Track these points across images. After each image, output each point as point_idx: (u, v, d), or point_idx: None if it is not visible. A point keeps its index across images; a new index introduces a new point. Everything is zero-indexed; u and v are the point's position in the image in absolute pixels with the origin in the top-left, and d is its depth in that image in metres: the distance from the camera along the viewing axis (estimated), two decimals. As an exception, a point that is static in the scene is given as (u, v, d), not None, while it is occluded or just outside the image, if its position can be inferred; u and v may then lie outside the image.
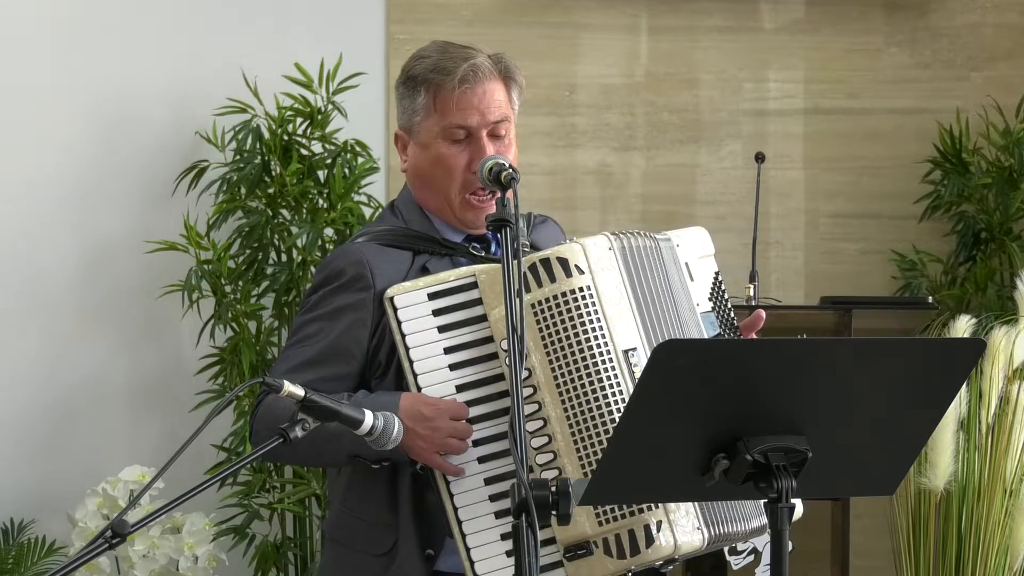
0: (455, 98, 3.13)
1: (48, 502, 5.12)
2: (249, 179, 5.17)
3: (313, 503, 5.13)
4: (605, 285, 2.96)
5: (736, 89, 5.64)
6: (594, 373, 2.91)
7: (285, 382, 2.68)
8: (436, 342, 2.97)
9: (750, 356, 2.58)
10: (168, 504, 2.62)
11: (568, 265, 2.95)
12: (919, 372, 2.61)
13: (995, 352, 4.66)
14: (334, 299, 3.09)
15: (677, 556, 2.88)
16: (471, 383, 2.97)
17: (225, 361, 5.11)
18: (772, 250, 5.61)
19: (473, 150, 3.13)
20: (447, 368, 2.97)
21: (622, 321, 2.95)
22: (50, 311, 5.24)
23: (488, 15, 5.53)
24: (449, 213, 3.16)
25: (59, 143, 5.26)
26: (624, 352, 2.93)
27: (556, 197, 5.52)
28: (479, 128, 3.13)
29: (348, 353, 3.06)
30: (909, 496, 4.74)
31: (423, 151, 3.18)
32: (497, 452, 2.95)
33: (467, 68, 3.14)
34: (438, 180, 3.15)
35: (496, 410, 2.96)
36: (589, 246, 2.98)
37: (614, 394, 2.90)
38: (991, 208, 5.50)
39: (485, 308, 2.97)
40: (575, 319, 2.92)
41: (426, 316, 2.97)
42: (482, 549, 2.92)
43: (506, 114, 3.16)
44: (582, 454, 2.89)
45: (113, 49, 5.28)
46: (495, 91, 3.16)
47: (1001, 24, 5.68)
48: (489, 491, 2.94)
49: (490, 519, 2.93)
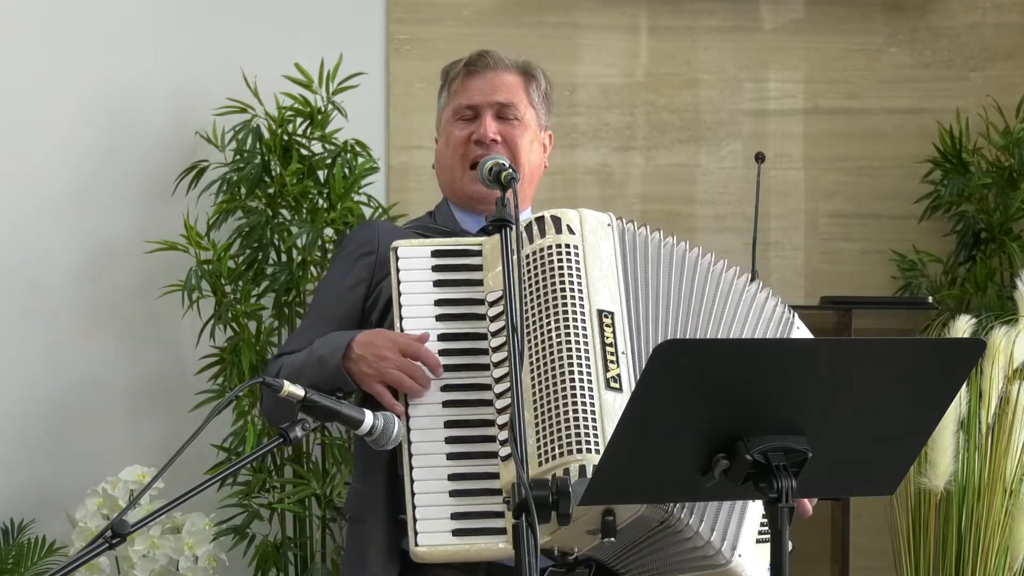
0: (463, 81, 3.24)
1: (48, 502, 5.12)
2: (249, 179, 5.17)
3: (313, 503, 5.13)
4: (594, 251, 3.00)
5: (736, 89, 5.64)
6: (562, 323, 2.92)
7: (285, 382, 2.70)
8: (428, 293, 3.03)
9: (750, 356, 2.58)
10: (168, 504, 2.62)
11: (560, 224, 3.01)
12: (919, 372, 2.61)
13: (995, 352, 4.66)
14: (341, 265, 3.23)
15: (614, 510, 2.81)
16: (452, 335, 3.00)
17: (225, 361, 5.11)
18: (772, 250, 5.61)
19: (475, 125, 3.20)
20: (433, 318, 3.01)
21: (605, 287, 2.98)
22: (50, 311, 5.24)
23: (488, 15, 5.53)
24: (459, 191, 3.23)
25: (59, 143, 5.26)
26: (599, 312, 2.95)
27: (556, 197, 5.52)
28: (482, 106, 3.22)
29: (343, 312, 3.17)
30: (909, 496, 4.74)
31: (441, 138, 3.31)
32: (463, 400, 2.96)
33: (477, 55, 3.24)
34: (447, 158, 3.27)
35: (471, 363, 2.98)
36: (587, 215, 3.05)
37: (578, 345, 2.91)
38: (991, 208, 5.50)
39: (484, 273, 3.02)
40: (554, 271, 2.96)
41: (425, 270, 3.04)
42: (427, 496, 2.91)
43: (515, 100, 3.23)
44: (536, 398, 2.89)
45: (113, 49, 5.28)
46: (507, 79, 3.25)
47: (1001, 24, 5.68)
48: (447, 433, 2.94)
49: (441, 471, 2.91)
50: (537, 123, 3.29)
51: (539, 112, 3.29)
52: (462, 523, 2.90)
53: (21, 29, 5.24)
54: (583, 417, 2.86)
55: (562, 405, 2.87)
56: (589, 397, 2.88)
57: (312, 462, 5.14)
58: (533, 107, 3.27)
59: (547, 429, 2.87)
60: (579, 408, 2.86)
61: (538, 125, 3.30)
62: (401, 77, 5.48)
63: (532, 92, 3.27)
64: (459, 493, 2.91)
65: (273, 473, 5.15)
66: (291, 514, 5.13)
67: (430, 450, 2.93)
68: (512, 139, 3.24)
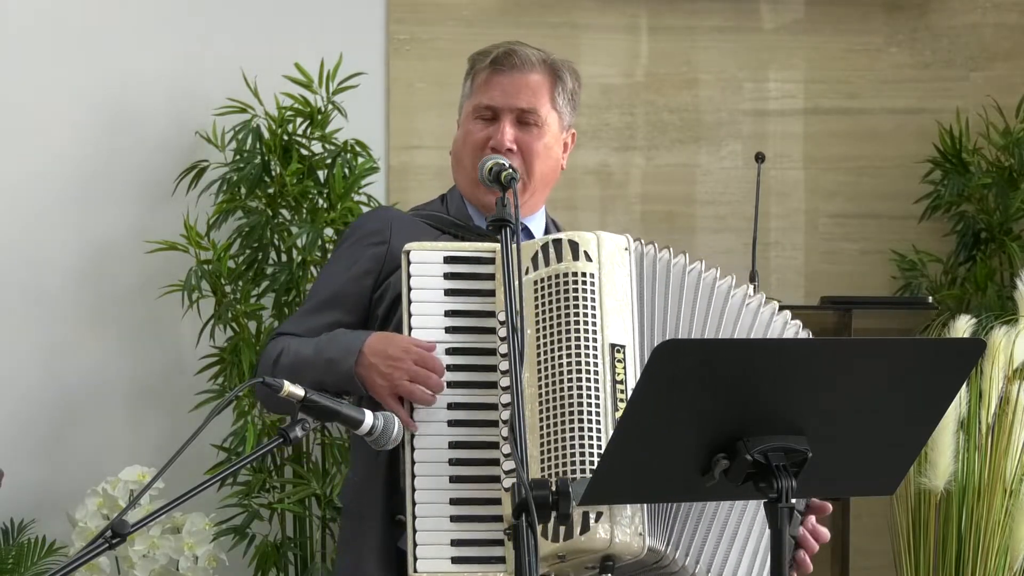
0: (487, 78, 3.18)
1: (48, 502, 5.12)
2: (249, 179, 5.17)
3: (313, 503, 5.13)
4: (610, 279, 2.94)
5: (736, 89, 5.63)
6: (574, 357, 2.88)
7: (285, 382, 2.69)
8: (439, 302, 2.98)
9: (750, 356, 2.58)
10: (168, 504, 2.62)
11: (578, 249, 2.95)
12: (919, 372, 2.61)
13: (995, 352, 4.66)
14: (350, 251, 3.17)
15: (612, 553, 2.81)
16: (462, 349, 2.96)
17: (225, 361, 5.11)
18: (772, 250, 5.61)
19: (493, 130, 3.16)
20: (443, 329, 2.96)
21: (619, 318, 2.93)
22: (50, 311, 5.24)
23: (488, 15, 5.52)
24: (472, 194, 3.19)
25: (59, 143, 5.25)
26: (611, 346, 2.91)
27: (556, 197, 5.48)
28: (503, 110, 3.17)
29: (350, 302, 3.12)
30: (909, 496, 4.74)
31: (459, 131, 3.25)
32: (468, 420, 2.93)
33: (504, 51, 3.17)
34: (464, 157, 3.22)
35: (479, 380, 2.95)
36: (605, 239, 2.98)
37: (589, 382, 2.87)
38: (991, 208, 5.50)
39: (496, 284, 2.97)
40: (570, 300, 2.91)
41: (437, 276, 2.98)
42: (428, 520, 2.89)
43: (538, 105, 3.17)
44: (543, 432, 2.86)
45: (113, 49, 5.28)
46: (532, 81, 3.18)
47: (1001, 24, 5.68)
48: (451, 454, 2.91)
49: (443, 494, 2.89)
50: (559, 124, 3.22)
51: (563, 114, 3.22)
52: (461, 551, 2.87)
53: (21, 29, 5.24)
54: (589, 454, 2.83)
55: (568, 439, 2.85)
56: (596, 433, 2.85)
57: (312, 462, 5.14)
58: (556, 109, 3.20)
59: (553, 463, 2.85)
60: (585, 445, 2.84)
61: (560, 127, 3.23)
62: (401, 77, 5.48)
63: (557, 94, 3.20)
64: (460, 519, 2.88)
65: (273, 473, 5.15)
66: (291, 514, 5.13)
67: (433, 471, 2.90)
68: (527, 147, 3.17)
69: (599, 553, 2.82)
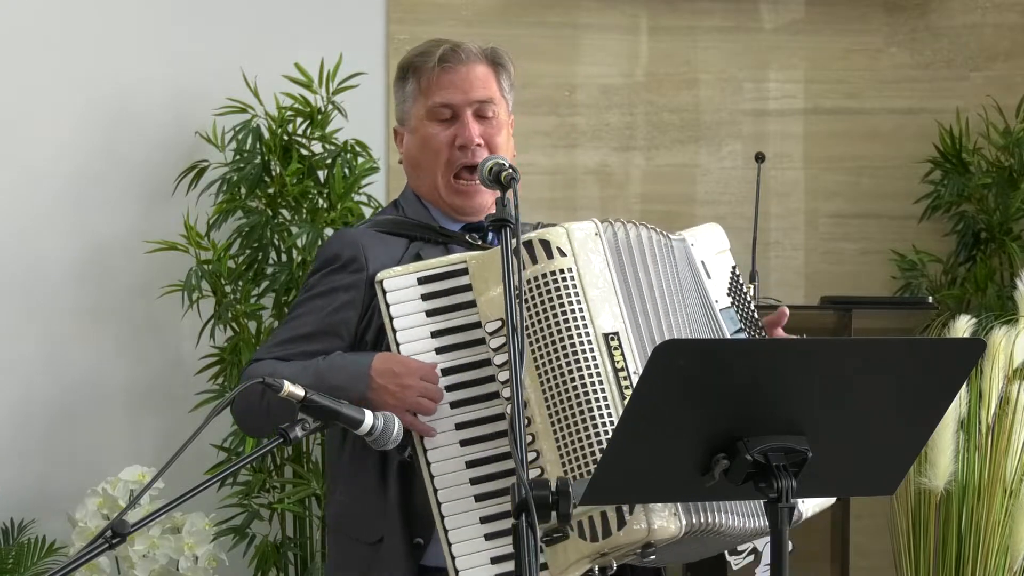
0: (437, 77, 3.17)
1: (48, 502, 5.12)
2: (249, 179, 5.17)
3: (313, 503, 5.13)
4: (588, 269, 2.95)
5: (736, 89, 5.64)
6: (571, 355, 2.89)
7: (285, 382, 2.69)
8: (423, 326, 2.97)
9: (750, 356, 2.58)
10: (168, 504, 2.62)
11: (551, 247, 2.95)
12: (919, 372, 2.61)
13: (995, 352, 4.66)
14: (328, 280, 3.12)
15: (652, 541, 2.83)
16: (456, 367, 2.96)
17: (225, 361, 5.11)
18: (772, 250, 5.61)
19: (457, 127, 3.16)
20: (433, 352, 2.97)
21: (605, 305, 2.93)
22: (50, 311, 5.24)
23: (488, 15, 5.53)
24: (439, 198, 3.18)
25: (59, 143, 5.26)
26: (604, 335, 2.91)
27: (556, 197, 5.52)
28: (462, 106, 3.16)
29: (336, 333, 3.09)
30: (909, 496, 4.74)
31: (413, 136, 3.22)
32: (480, 436, 2.94)
33: (448, 49, 3.17)
34: (426, 162, 3.18)
35: (481, 394, 2.95)
36: (574, 230, 2.98)
37: (591, 376, 2.88)
38: (991, 208, 5.50)
39: (474, 294, 2.97)
40: (554, 300, 2.91)
41: (415, 300, 2.98)
42: (464, 545, 2.90)
43: (492, 96, 3.18)
44: (558, 436, 2.87)
45: (113, 49, 5.28)
46: (480, 72, 3.18)
47: (1001, 24, 5.68)
48: (471, 474, 2.92)
49: (472, 515, 2.89)
50: (506, 112, 3.23)
51: (508, 101, 3.23)
52: (503, 567, 2.87)
53: (21, 30, 5.24)
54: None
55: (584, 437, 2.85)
56: (610, 426, 2.84)
57: (312, 462, 5.14)
58: (504, 98, 3.21)
59: (574, 463, 2.85)
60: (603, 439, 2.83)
61: (507, 114, 3.24)
62: (401, 77, 5.48)
63: (503, 82, 3.21)
64: (494, 535, 2.89)
65: (273, 473, 5.16)
66: (291, 514, 5.13)
67: (457, 495, 2.91)
68: (491, 140, 3.17)
69: (640, 544, 2.83)
